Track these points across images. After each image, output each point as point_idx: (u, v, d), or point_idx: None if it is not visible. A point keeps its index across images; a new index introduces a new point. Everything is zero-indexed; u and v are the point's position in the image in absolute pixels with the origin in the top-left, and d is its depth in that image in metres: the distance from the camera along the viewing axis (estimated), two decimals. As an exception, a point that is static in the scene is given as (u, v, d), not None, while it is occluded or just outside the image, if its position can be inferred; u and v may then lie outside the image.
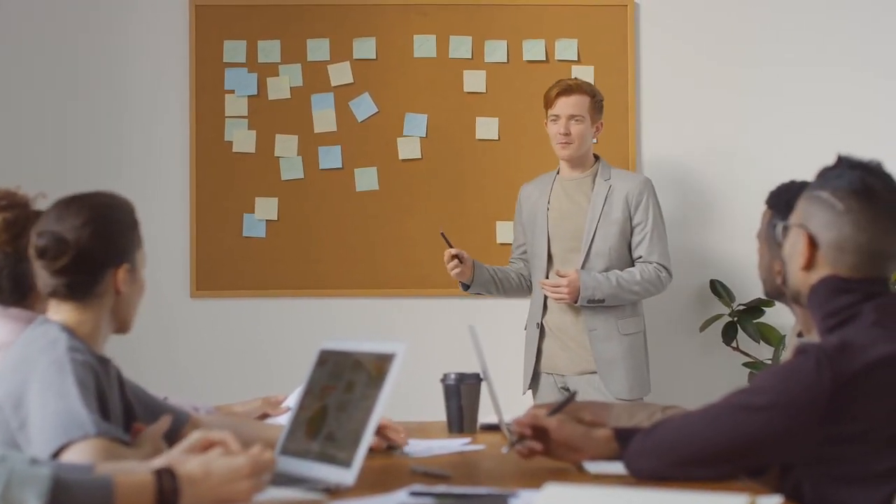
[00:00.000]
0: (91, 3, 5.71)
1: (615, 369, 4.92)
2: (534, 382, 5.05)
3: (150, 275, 5.59)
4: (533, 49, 5.73)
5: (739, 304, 5.57)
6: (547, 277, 4.98)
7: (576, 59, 5.71)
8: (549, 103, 5.02)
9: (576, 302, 4.86)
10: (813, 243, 2.50)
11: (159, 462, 2.19)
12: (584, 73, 5.64)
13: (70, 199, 2.67)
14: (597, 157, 5.09)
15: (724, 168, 5.72)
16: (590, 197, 5.01)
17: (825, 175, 2.56)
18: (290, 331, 5.70)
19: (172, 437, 2.68)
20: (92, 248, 2.62)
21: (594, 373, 4.94)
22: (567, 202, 5.04)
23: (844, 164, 2.54)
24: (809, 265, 2.51)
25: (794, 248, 2.55)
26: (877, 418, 2.30)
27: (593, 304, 4.88)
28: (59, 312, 2.65)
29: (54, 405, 2.41)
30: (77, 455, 2.32)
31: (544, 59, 5.72)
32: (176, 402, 3.18)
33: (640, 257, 4.97)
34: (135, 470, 2.14)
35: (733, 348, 5.58)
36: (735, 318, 5.58)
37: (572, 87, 5.01)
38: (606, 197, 4.98)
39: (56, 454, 2.34)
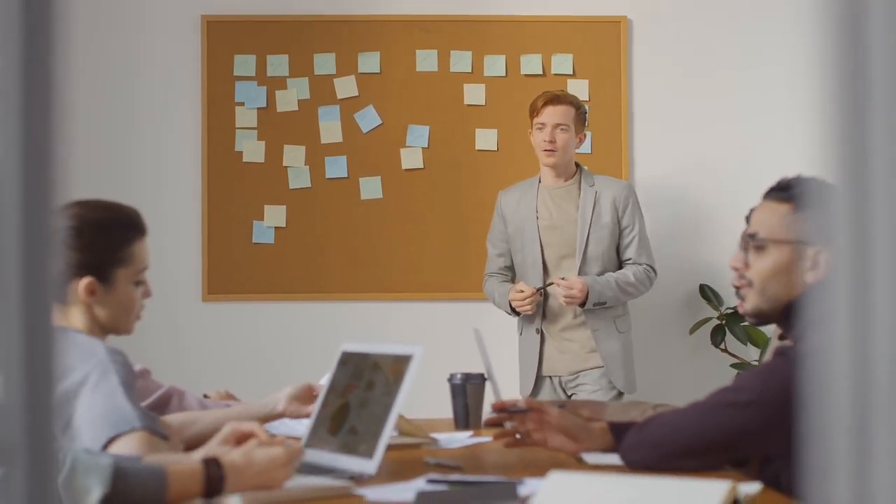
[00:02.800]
0: (105, 19, 5.89)
1: (617, 365, 5.11)
2: (535, 387, 5.17)
3: (162, 279, 5.85)
4: (530, 63, 5.93)
5: (727, 308, 5.73)
6: (543, 284, 5.08)
7: (571, 73, 5.91)
8: (535, 112, 5.14)
9: (583, 305, 5.01)
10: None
11: (201, 453, 2.43)
12: (580, 87, 5.84)
13: (70, 203, 2.79)
14: (577, 166, 5.23)
15: (713, 177, 5.91)
16: (577, 204, 5.14)
17: (802, 190, 2.74)
18: (297, 333, 5.90)
19: None
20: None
21: (592, 369, 5.09)
22: (556, 210, 5.15)
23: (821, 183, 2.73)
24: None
25: (818, 262, 2.70)
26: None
27: (598, 306, 5.04)
28: (64, 317, 2.81)
29: (102, 404, 2.60)
30: (124, 446, 2.54)
31: (541, 73, 5.91)
32: (213, 400, 3.41)
33: (630, 259, 5.15)
34: (181, 460, 2.39)
35: (721, 350, 5.75)
36: (723, 322, 5.74)
37: (559, 98, 5.13)
38: (595, 202, 5.12)
39: (105, 447, 2.57)
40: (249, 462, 2.33)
